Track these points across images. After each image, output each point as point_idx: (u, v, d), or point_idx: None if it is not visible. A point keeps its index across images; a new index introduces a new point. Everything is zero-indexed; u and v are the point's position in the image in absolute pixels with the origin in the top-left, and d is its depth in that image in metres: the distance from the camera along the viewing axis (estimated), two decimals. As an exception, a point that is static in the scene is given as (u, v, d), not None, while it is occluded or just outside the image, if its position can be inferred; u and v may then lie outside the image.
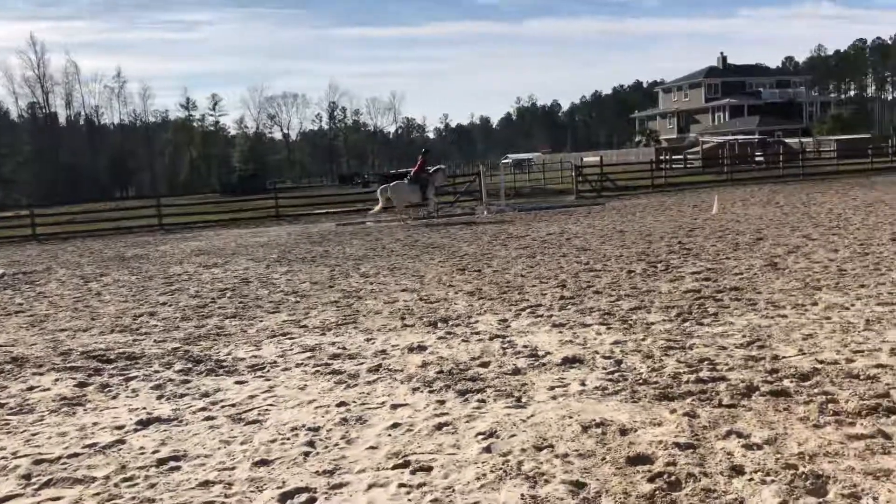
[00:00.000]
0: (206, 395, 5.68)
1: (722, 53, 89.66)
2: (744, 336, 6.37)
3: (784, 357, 5.66)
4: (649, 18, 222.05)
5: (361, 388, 5.55)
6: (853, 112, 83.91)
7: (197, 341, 7.56)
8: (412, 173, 21.97)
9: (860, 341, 5.98)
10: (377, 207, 22.03)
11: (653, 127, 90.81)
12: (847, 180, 29.13)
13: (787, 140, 53.01)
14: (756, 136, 57.17)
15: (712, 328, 6.75)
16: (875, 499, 3.37)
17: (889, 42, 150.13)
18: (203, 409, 5.33)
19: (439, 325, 7.58)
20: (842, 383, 4.96)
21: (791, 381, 5.05)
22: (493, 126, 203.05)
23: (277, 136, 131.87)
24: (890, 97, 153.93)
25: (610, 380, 5.36)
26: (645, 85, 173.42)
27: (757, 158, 42.70)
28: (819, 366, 5.37)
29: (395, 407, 5.06)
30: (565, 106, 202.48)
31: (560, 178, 42.30)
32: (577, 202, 25.81)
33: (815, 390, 4.84)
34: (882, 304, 7.31)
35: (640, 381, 5.27)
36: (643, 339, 6.46)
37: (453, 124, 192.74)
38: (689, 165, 46.87)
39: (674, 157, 52.17)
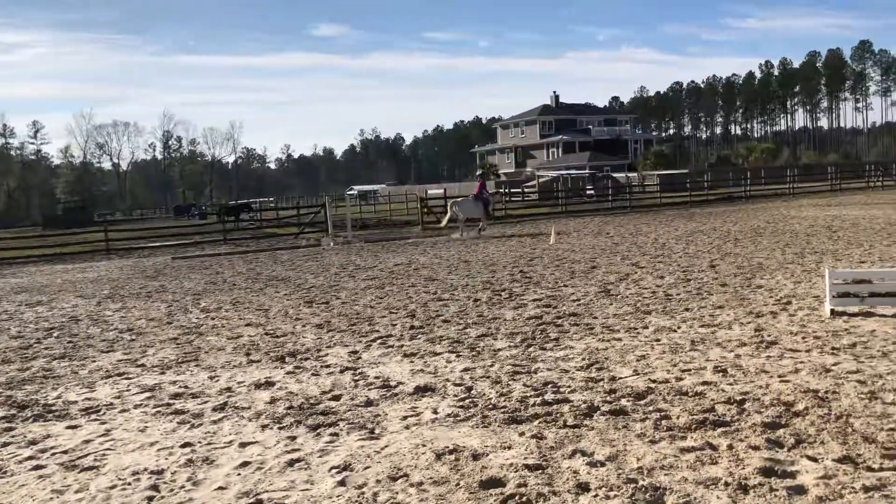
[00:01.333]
0: (33, 442, 5.24)
1: (555, 92, 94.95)
2: (584, 359, 6.71)
3: (621, 378, 6.02)
4: (482, 58, 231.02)
5: (207, 428, 5.33)
6: (673, 149, 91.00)
7: (21, 385, 6.97)
8: (475, 192, 24.70)
9: (687, 361, 6.47)
10: (444, 220, 24.91)
11: (492, 161, 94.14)
12: (669, 212, 31.47)
13: (615, 174, 56.62)
14: (587, 171, 60.68)
15: (555, 352, 7.06)
16: (706, 505, 3.65)
17: (702, 86, 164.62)
18: (31, 457, 4.92)
19: (287, 359, 7.43)
20: (673, 400, 5.34)
21: (628, 401, 5.38)
22: (338, 158, 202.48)
23: (107, 165, 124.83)
24: (704, 135, 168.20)
25: (461, 406, 5.47)
26: (484, 121, 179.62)
27: (588, 192, 45.25)
28: (652, 385, 5.75)
29: (243, 445, 4.90)
30: (409, 139, 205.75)
31: (406, 210, 42.82)
32: (424, 233, 26.20)
33: (650, 408, 5.18)
34: (705, 325, 7.95)
35: (490, 406, 5.42)
36: (491, 366, 6.65)
37: (296, 155, 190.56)
38: (526, 198, 48.90)
39: (513, 190, 54.25)
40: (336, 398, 5.90)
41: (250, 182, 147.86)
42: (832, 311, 8.16)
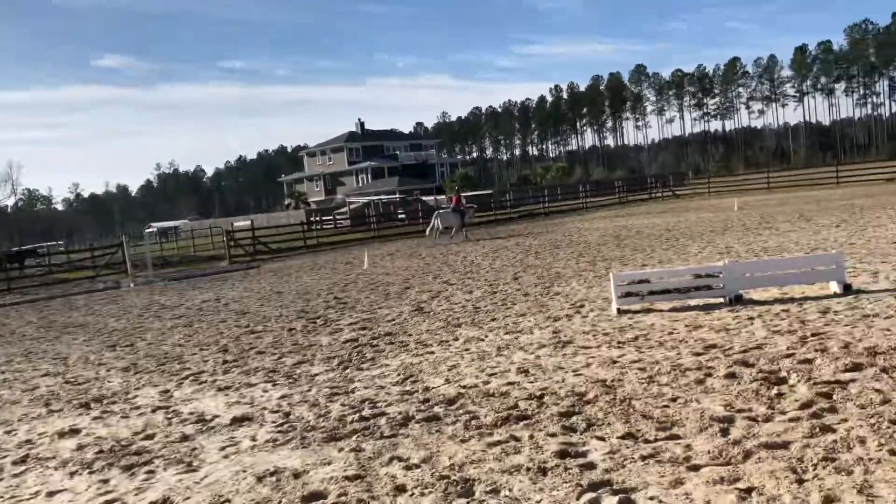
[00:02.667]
0: None
1: (360, 119, 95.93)
2: (399, 374, 7.03)
3: (434, 387, 6.40)
4: (284, 86, 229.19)
5: (8, 482, 5.06)
6: (477, 171, 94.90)
7: None
8: (452, 206, 28.96)
9: (493, 366, 6.98)
10: (428, 230, 28.33)
11: (301, 190, 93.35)
12: (475, 231, 32.87)
13: (423, 198, 58.17)
14: (397, 196, 61.87)
15: (371, 371, 7.33)
16: (510, 489, 4.05)
17: (499, 110, 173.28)
18: None
19: (92, 405, 7.13)
20: (481, 402, 5.77)
21: (441, 407, 5.75)
22: (133, 194, 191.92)
23: None
24: (504, 157, 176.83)
25: (280, 431, 5.58)
26: (290, 149, 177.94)
27: (400, 216, 46.21)
28: (462, 391, 6.17)
29: (51, 494, 4.73)
30: (210, 171, 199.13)
31: (211, 245, 41.48)
32: (232, 267, 25.59)
33: (461, 411, 5.58)
34: (509, 332, 8.57)
35: (309, 428, 5.57)
36: (309, 390, 6.79)
37: (86, 194, 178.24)
38: (338, 225, 49.05)
39: (324, 217, 54.21)
40: (149, 437, 5.79)
41: (36, 226, 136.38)
42: (618, 310, 9.08)
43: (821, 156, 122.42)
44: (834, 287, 9.00)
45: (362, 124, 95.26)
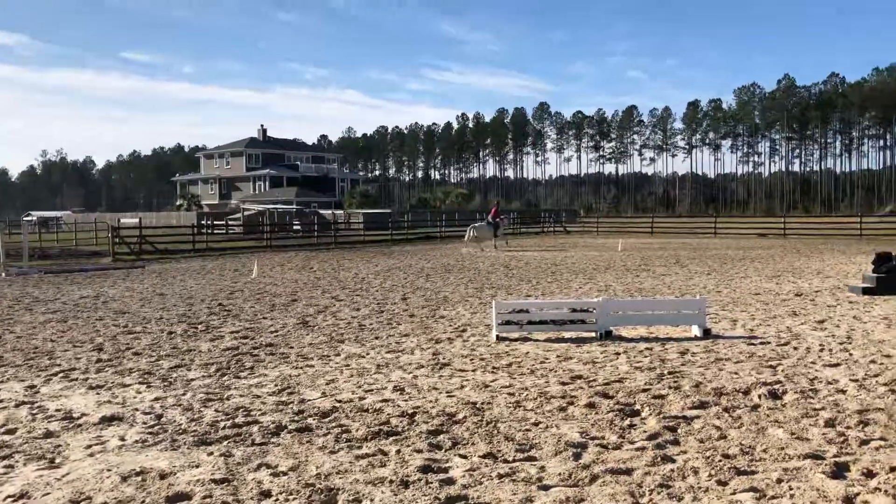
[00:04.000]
0: None
1: (262, 126, 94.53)
2: (276, 385, 7.10)
3: (309, 400, 6.51)
4: (187, 84, 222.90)
5: None
6: (378, 189, 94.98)
7: None
8: (490, 217, 32.28)
9: (371, 382, 7.15)
10: (467, 239, 31.64)
11: (195, 191, 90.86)
12: (371, 249, 33.02)
13: (321, 211, 57.81)
14: (294, 206, 61.18)
15: (248, 380, 7.35)
16: (372, 500, 4.23)
17: (405, 131, 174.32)
18: None
19: (-50, 396, 6.83)
20: (354, 416, 5.93)
21: (314, 419, 5.87)
22: (13, 179, 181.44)
23: None
24: (407, 178, 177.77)
25: (150, 433, 5.56)
26: (187, 149, 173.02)
27: (295, 227, 45.75)
28: (338, 404, 6.31)
29: None
30: (100, 163, 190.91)
31: (95, 240, 39.79)
32: (115, 265, 24.68)
33: (333, 424, 5.72)
34: (391, 351, 8.76)
35: (180, 431, 5.58)
36: (183, 394, 6.76)
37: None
38: (231, 231, 48.05)
39: (216, 222, 52.97)
40: (11, 432, 5.64)
41: None
42: (497, 337, 9.44)
43: (703, 206, 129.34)
44: (695, 330, 9.67)
45: (265, 131, 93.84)
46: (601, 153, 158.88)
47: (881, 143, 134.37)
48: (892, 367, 7.55)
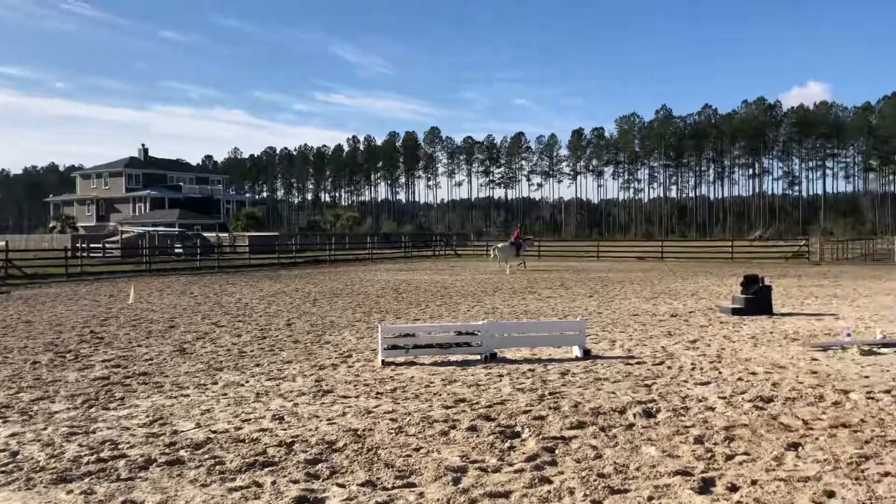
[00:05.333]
0: None
1: (143, 145, 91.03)
2: (147, 416, 6.77)
3: (182, 431, 6.23)
4: (61, 100, 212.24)
5: None
6: (265, 211, 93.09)
7: None
8: (513, 239, 35.04)
9: (249, 411, 6.93)
10: (492, 258, 34.91)
11: (70, 213, 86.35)
12: (257, 273, 32.26)
13: (205, 234, 56.10)
14: (176, 229, 59.10)
15: (118, 412, 6.98)
16: (244, 534, 4.07)
17: (294, 153, 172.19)
18: None
19: None
20: (229, 447, 5.72)
21: (186, 451, 5.62)
22: None
23: None
24: (296, 200, 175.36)
25: (3, 472, 5.17)
26: (62, 168, 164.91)
27: (177, 250, 44.16)
28: (212, 435, 6.08)
29: None
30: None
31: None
32: (-25, 291, 23.03)
33: (206, 456, 5.49)
34: (272, 379, 8.54)
35: (37, 469, 5.21)
36: (44, 429, 6.34)
37: None
38: (108, 255, 45.88)
39: (92, 245, 50.46)
40: None
41: None
42: (383, 362, 9.37)
43: (588, 230, 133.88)
44: (576, 351, 9.92)
45: (146, 150, 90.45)
46: (491, 178, 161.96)
47: (750, 171, 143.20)
48: (758, 384, 7.97)
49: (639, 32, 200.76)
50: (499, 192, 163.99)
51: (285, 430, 6.25)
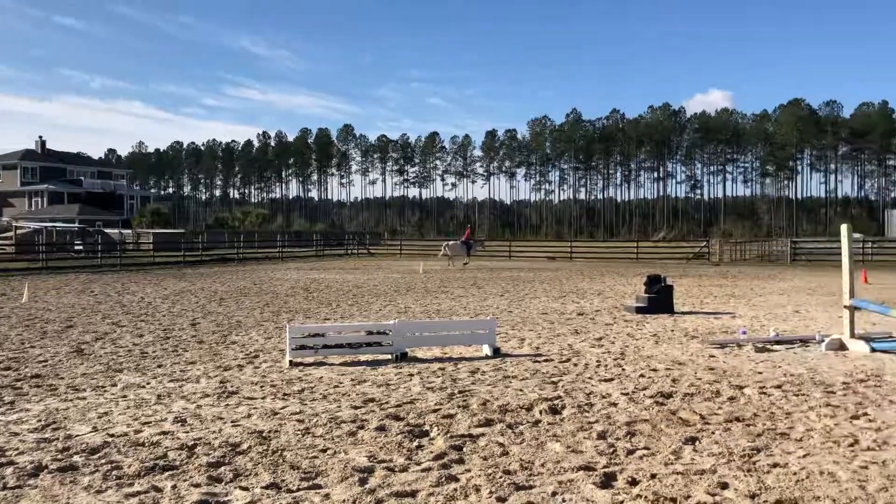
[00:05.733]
0: None
1: (41, 137, 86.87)
2: (39, 420, 6.46)
3: (77, 435, 5.97)
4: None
5: None
6: (171, 207, 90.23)
7: None
8: (464, 238, 37.25)
9: (150, 414, 6.71)
10: (441, 255, 36.74)
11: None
12: (161, 272, 31.26)
13: (107, 230, 53.99)
14: (76, 225, 56.65)
15: (7, 416, 6.63)
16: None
17: (202, 148, 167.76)
18: None
19: None
20: (127, 451, 5.52)
21: (80, 456, 5.39)
22: None
23: None
24: (203, 196, 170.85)
25: None
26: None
27: (76, 247, 42.34)
28: (110, 439, 5.85)
29: None
30: None
31: None
32: None
33: (103, 461, 5.28)
34: (174, 380, 8.28)
35: (-86, 480, 4.90)
36: (-77, 437, 5.96)
37: None
38: (1, 251, 43.52)
39: (-17, 241, 47.77)
40: None
41: None
42: (291, 362, 9.24)
43: (500, 230, 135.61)
44: (486, 350, 10.03)
45: (43, 143, 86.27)
46: (405, 177, 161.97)
47: (655, 175, 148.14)
48: (659, 380, 8.24)
49: (548, 36, 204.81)
50: (413, 191, 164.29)
51: (187, 432, 6.07)
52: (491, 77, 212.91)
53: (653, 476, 4.95)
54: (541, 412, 6.70)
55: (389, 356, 9.64)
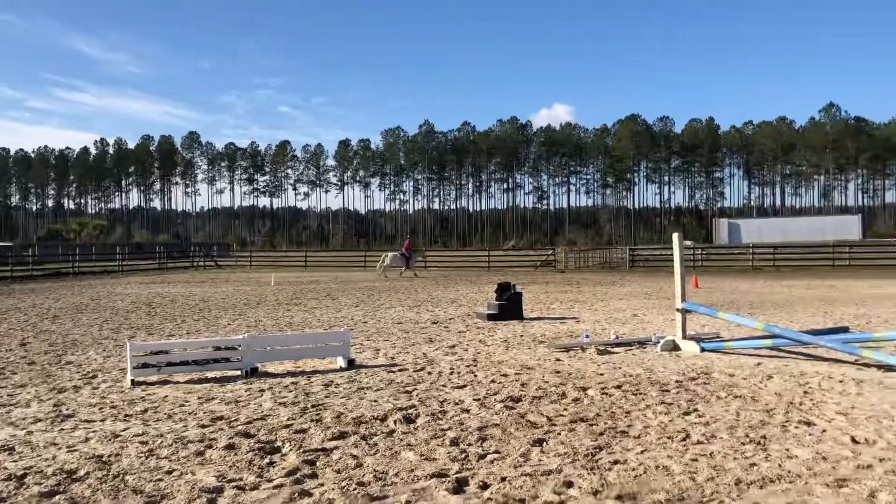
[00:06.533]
0: None
1: None
2: None
3: None
4: None
5: None
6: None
7: None
8: (403, 249, 37.08)
9: (-28, 444, 6.17)
10: (379, 267, 36.63)
11: None
12: (-15, 288, 28.80)
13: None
14: None
15: None
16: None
17: (32, 155, 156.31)
18: None
19: None
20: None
21: None
22: None
23: None
24: (34, 207, 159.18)
25: None
26: None
27: None
28: (-77, 474, 5.33)
29: None
30: None
31: None
32: None
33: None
34: (1, 405, 7.65)
35: None
36: None
37: None
38: None
39: None
40: None
41: None
42: (133, 382, 8.78)
43: (355, 240, 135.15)
44: (340, 362, 9.96)
45: None
46: (255, 186, 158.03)
47: (504, 185, 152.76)
48: (509, 385, 8.50)
49: (400, 46, 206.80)
50: (264, 201, 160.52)
51: (16, 461, 5.64)
52: (341, 87, 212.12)
53: (503, 479, 5.11)
54: (395, 422, 6.74)
55: (239, 372, 9.37)
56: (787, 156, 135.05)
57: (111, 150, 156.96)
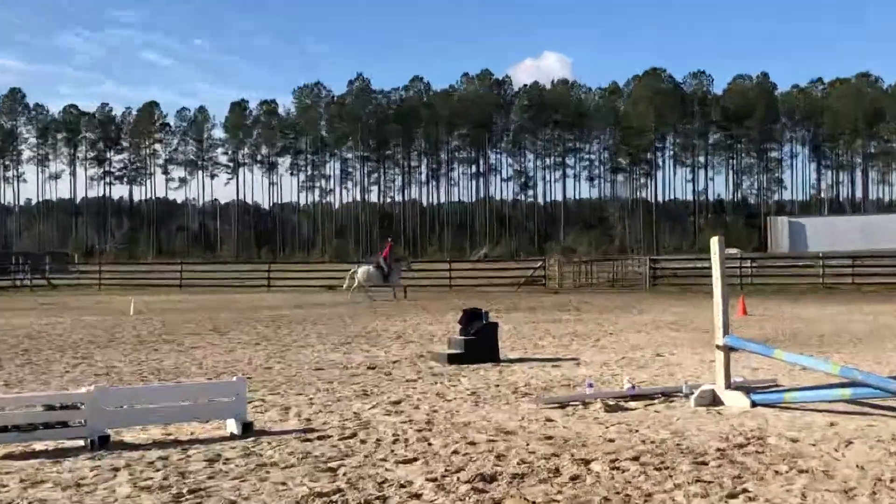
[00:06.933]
0: None
1: None
2: None
3: None
4: None
5: None
6: None
7: None
8: (381, 258, 37.46)
9: None
10: (347, 286, 37.20)
11: None
12: None
13: None
14: None
15: None
16: None
17: None
18: None
19: None
20: None
21: None
22: None
23: None
24: None
25: None
26: None
27: None
28: None
29: None
30: None
31: None
32: None
33: None
34: None
35: None
36: None
37: None
38: None
39: None
40: None
41: None
42: (-77, 458, 8.59)
43: (255, 245, 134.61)
44: (232, 426, 9.87)
45: None
46: (108, 169, 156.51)
47: (472, 168, 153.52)
48: (478, 457, 8.50)
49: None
50: (120, 190, 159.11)
51: None
52: (234, 24, 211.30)
53: None
54: (310, 514, 6.70)
55: (83, 442, 9.24)
56: (871, 128, 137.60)
57: None
